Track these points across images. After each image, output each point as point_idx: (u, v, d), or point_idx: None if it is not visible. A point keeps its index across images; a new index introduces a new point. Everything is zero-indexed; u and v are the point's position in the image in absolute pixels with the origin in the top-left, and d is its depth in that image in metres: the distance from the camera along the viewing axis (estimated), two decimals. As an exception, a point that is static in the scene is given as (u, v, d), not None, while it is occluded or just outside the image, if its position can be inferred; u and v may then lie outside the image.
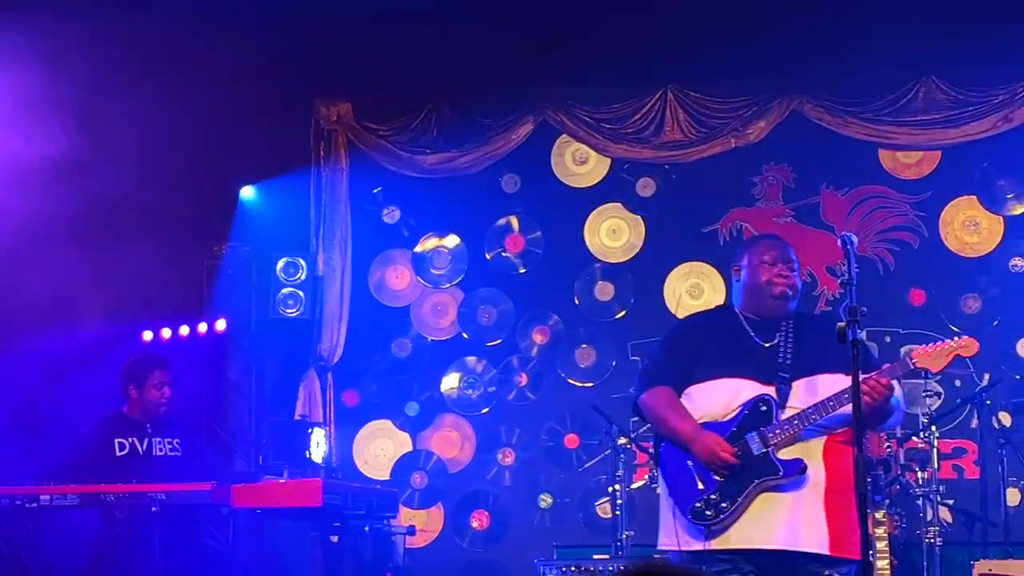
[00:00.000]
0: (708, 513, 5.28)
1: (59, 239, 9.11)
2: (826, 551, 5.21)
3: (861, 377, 5.11)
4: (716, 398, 5.41)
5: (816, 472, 5.27)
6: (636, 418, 6.15)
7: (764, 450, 5.26)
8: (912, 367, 5.28)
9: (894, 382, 5.24)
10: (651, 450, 8.11)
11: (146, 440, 7.52)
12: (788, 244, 5.70)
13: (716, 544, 5.28)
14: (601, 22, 9.20)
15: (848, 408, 5.16)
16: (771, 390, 5.34)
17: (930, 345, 5.38)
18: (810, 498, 5.25)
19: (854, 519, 5.27)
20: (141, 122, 9.13)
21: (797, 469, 5.24)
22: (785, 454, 5.28)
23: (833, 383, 5.28)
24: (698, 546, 5.31)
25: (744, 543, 5.24)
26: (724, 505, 5.26)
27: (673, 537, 5.39)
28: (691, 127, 9.83)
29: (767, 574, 5.26)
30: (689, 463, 5.37)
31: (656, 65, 9.65)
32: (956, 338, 5.45)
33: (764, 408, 5.32)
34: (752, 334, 5.49)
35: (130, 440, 7.48)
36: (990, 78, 9.53)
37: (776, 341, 5.46)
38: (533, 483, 9.94)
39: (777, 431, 5.26)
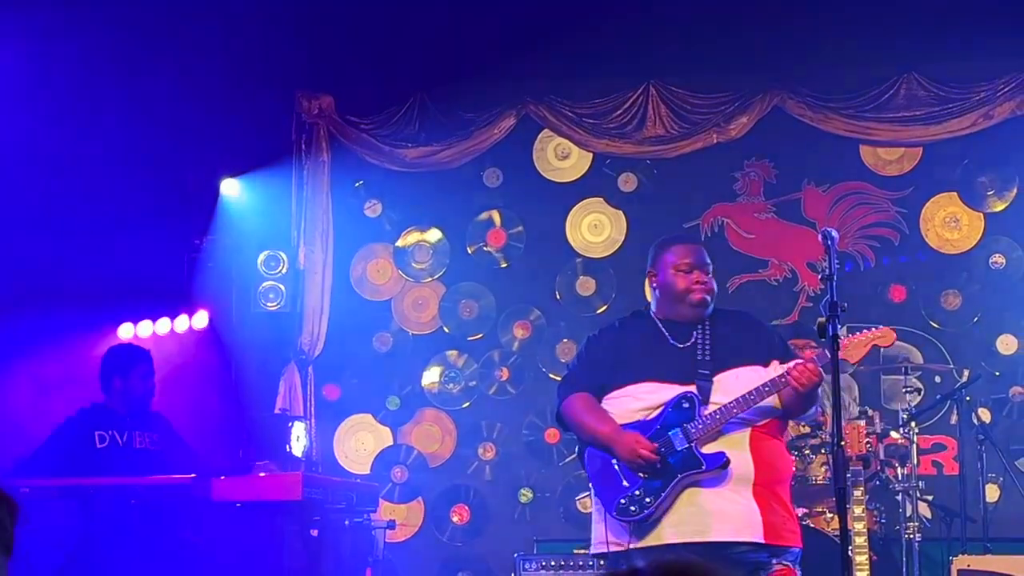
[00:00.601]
0: (632, 509, 5.28)
1: (39, 230, 9.08)
2: (760, 539, 5.22)
3: (792, 364, 5.17)
4: (638, 401, 5.42)
5: (744, 463, 5.28)
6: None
7: (687, 445, 5.28)
8: (829, 357, 5.29)
9: (820, 370, 5.26)
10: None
11: (126, 433, 7.48)
12: (702, 247, 5.72)
13: (647, 542, 5.27)
14: (584, 17, 9.20)
15: (770, 400, 5.22)
16: (692, 388, 5.36)
17: (849, 336, 5.41)
18: (739, 489, 5.27)
19: (788, 507, 5.32)
20: (122, 114, 9.10)
21: (719, 463, 5.25)
22: (709, 448, 5.29)
23: (754, 375, 5.32)
24: (626, 544, 5.30)
25: (679, 537, 5.24)
26: (648, 500, 5.27)
27: (603, 541, 5.39)
28: (673, 122, 9.82)
29: None
30: (614, 462, 5.38)
31: (638, 60, 9.65)
32: (874, 328, 5.50)
33: (687, 405, 5.34)
34: (668, 337, 5.50)
35: (110, 432, 7.44)
36: (971, 75, 9.54)
37: (692, 340, 5.47)
38: (513, 478, 9.95)
39: (700, 426, 5.28)
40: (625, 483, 5.33)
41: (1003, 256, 9.67)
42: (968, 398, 8.56)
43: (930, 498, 8.59)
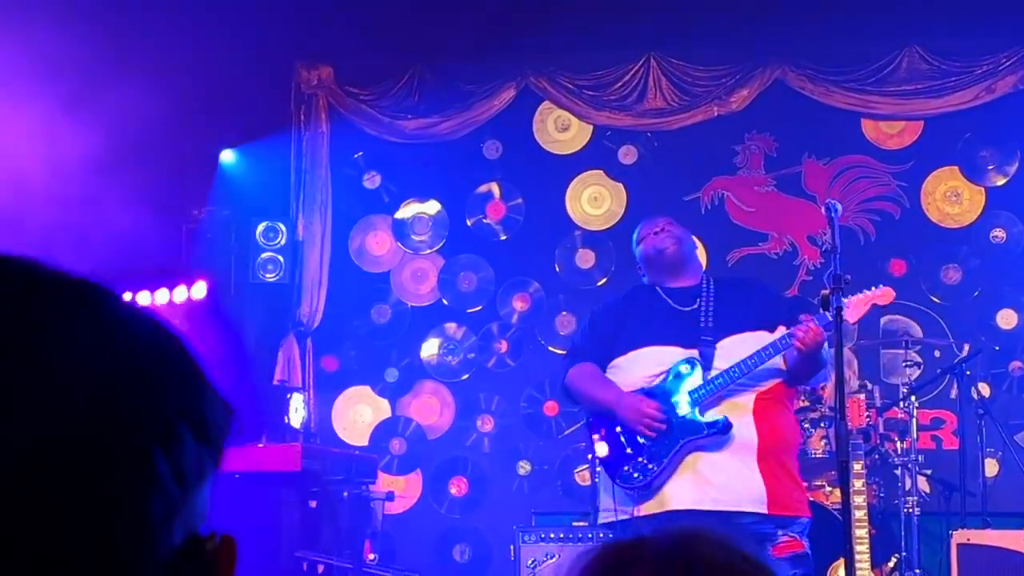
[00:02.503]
0: (636, 476, 5.29)
1: (37, 201, 9.06)
2: (764, 509, 5.21)
3: (794, 328, 5.15)
4: (641, 367, 5.43)
5: (747, 431, 5.28)
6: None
7: (689, 411, 5.28)
8: (830, 318, 5.27)
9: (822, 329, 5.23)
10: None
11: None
12: (657, 216, 5.83)
13: (650, 508, 5.27)
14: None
15: (773, 363, 5.20)
16: (695, 353, 5.36)
17: (849, 297, 5.39)
18: (743, 457, 5.26)
19: (794, 477, 5.30)
20: (120, 85, 9.07)
21: (721, 427, 5.25)
22: (712, 414, 5.29)
23: (755, 341, 5.30)
24: (632, 511, 5.30)
25: (682, 504, 5.24)
26: (651, 467, 5.27)
27: (611, 511, 5.40)
28: (674, 95, 9.80)
29: None
30: (618, 429, 5.38)
31: (639, 32, 9.61)
32: (874, 288, 5.49)
33: (689, 370, 5.33)
34: (670, 301, 5.51)
35: None
36: (973, 48, 9.52)
37: (696, 305, 5.48)
38: (512, 450, 9.94)
39: (702, 391, 5.28)
40: (628, 450, 5.33)
41: (1003, 230, 9.66)
42: (968, 372, 8.55)
43: (929, 472, 8.59)
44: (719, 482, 5.24)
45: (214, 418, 1.06)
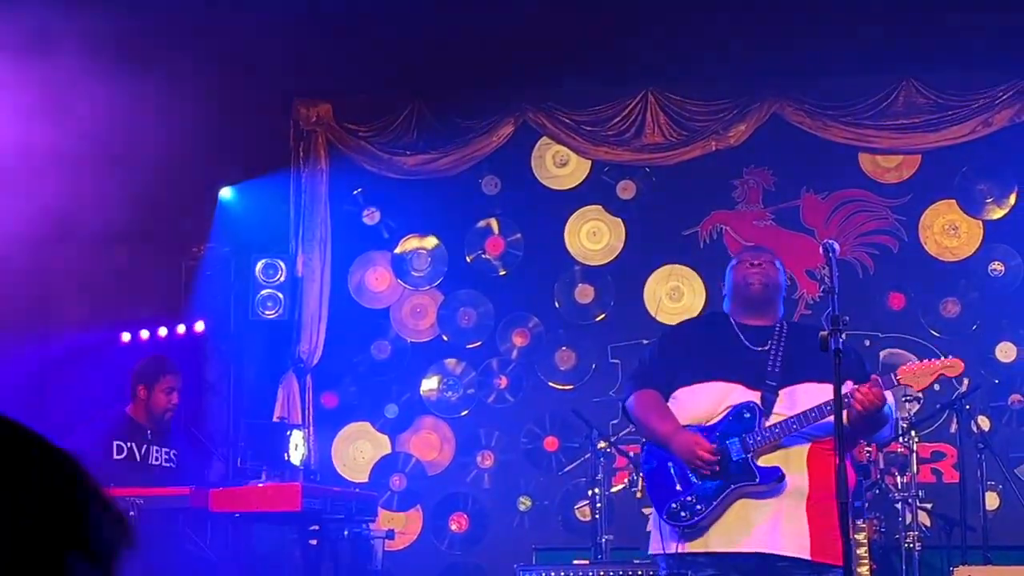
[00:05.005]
0: (683, 514, 5.29)
1: (37, 239, 9.06)
2: (807, 556, 5.20)
3: (854, 387, 5.11)
4: (702, 402, 5.41)
5: (799, 478, 5.26)
6: (623, 421, 6.13)
7: (744, 456, 5.26)
8: (895, 383, 5.27)
9: (887, 393, 5.23)
10: (631, 454, 8.14)
11: (144, 447, 7.44)
12: (764, 248, 5.76)
13: (693, 547, 5.27)
14: (582, 24, 9.19)
15: (833, 418, 5.16)
16: (756, 396, 5.34)
17: (915, 363, 5.38)
18: (792, 503, 5.25)
19: (837, 526, 5.27)
20: (120, 122, 9.09)
21: (774, 477, 5.23)
22: (766, 461, 5.27)
23: (819, 392, 5.26)
24: (677, 548, 5.31)
25: (724, 546, 5.24)
26: (699, 507, 5.27)
27: (658, 542, 5.40)
28: (672, 130, 9.82)
29: None
30: (670, 464, 5.38)
31: (637, 67, 9.64)
32: (942, 357, 5.46)
33: (748, 415, 5.32)
34: (743, 339, 5.50)
35: (129, 445, 7.40)
36: (970, 82, 9.55)
37: (767, 347, 5.45)
38: (512, 486, 9.93)
39: (758, 438, 5.26)
40: (678, 487, 5.34)
41: (1002, 263, 9.67)
42: (968, 406, 8.54)
43: (929, 506, 8.57)
44: (765, 526, 5.23)
45: (101, 540, 1.27)
